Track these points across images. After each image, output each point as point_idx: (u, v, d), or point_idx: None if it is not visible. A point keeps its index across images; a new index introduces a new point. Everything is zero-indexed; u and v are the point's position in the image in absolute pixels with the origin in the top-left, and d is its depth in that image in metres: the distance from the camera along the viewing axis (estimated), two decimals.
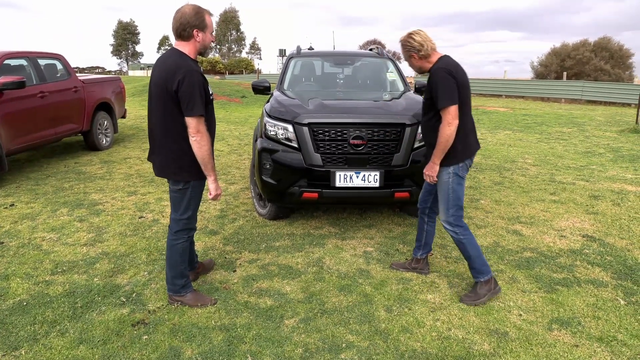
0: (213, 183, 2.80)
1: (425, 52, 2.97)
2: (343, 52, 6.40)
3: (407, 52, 3.02)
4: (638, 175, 6.68)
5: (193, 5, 2.69)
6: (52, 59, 7.38)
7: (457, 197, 3.04)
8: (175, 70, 2.57)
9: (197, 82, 2.59)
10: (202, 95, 2.61)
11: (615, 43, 30.86)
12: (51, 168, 6.80)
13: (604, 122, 13.04)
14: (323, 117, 3.99)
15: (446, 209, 3.08)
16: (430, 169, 3.02)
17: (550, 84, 22.95)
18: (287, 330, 2.72)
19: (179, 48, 2.70)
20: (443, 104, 2.85)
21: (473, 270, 3.12)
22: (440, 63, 2.96)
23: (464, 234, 3.07)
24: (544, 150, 8.70)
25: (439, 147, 2.92)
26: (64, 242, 4.00)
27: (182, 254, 2.93)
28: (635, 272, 3.52)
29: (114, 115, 8.67)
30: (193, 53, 2.72)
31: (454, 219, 3.07)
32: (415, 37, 2.97)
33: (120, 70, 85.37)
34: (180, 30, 2.65)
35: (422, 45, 2.95)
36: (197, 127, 2.62)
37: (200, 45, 2.73)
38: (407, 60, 3.09)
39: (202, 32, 2.70)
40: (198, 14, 2.66)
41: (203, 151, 2.67)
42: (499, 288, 3.12)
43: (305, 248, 3.96)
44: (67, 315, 2.83)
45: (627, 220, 4.69)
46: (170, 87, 2.57)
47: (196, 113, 2.60)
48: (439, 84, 2.87)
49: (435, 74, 2.91)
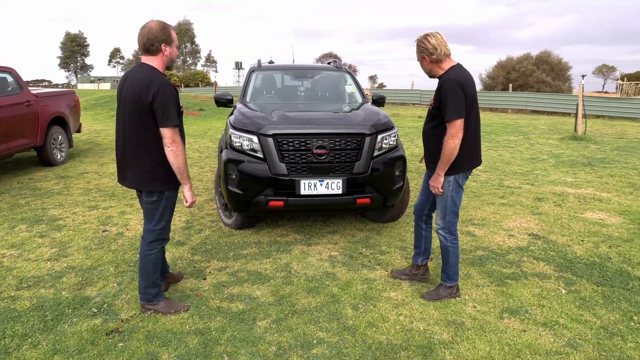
0: (189, 191, 2.88)
1: (438, 57, 2.97)
2: (303, 65, 6.62)
3: (420, 53, 3.02)
4: (577, 178, 7.26)
5: (159, 21, 2.79)
6: (2, 72, 7.17)
7: (454, 205, 3.15)
8: (149, 83, 2.66)
9: (170, 94, 2.69)
10: (176, 106, 2.72)
11: (555, 57, 33.07)
12: (3, 184, 6.59)
13: (546, 131, 13.93)
14: (287, 128, 4.16)
15: (443, 216, 3.18)
16: (435, 180, 3.06)
17: (498, 95, 24.24)
18: (260, 330, 2.84)
19: (148, 62, 2.79)
20: (450, 116, 2.88)
21: (444, 274, 3.30)
22: (451, 73, 2.97)
23: (453, 243, 3.21)
24: (493, 157, 9.24)
25: (443, 159, 2.96)
26: (26, 258, 3.93)
27: (155, 263, 2.99)
28: (575, 265, 3.88)
29: (69, 129, 8.48)
30: (161, 67, 2.82)
31: (450, 226, 3.18)
32: (430, 40, 2.96)
33: (68, 84, 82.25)
34: (148, 45, 2.74)
35: (435, 48, 2.95)
36: (172, 137, 2.71)
37: (167, 59, 2.84)
38: (419, 62, 3.10)
39: (169, 47, 2.81)
40: (164, 29, 2.77)
41: (179, 160, 2.76)
42: (459, 294, 3.30)
43: (273, 255, 4.09)
44: (37, 328, 2.82)
45: (567, 219, 5.12)
46: (144, 99, 2.65)
47: (171, 124, 2.69)
48: (448, 95, 2.88)
49: (445, 84, 2.92)
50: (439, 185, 3.08)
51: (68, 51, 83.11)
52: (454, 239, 3.22)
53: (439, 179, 3.07)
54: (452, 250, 3.22)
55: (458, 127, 2.91)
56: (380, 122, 4.45)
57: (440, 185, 3.08)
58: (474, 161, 3.16)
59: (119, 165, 2.95)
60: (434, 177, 3.10)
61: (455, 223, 3.21)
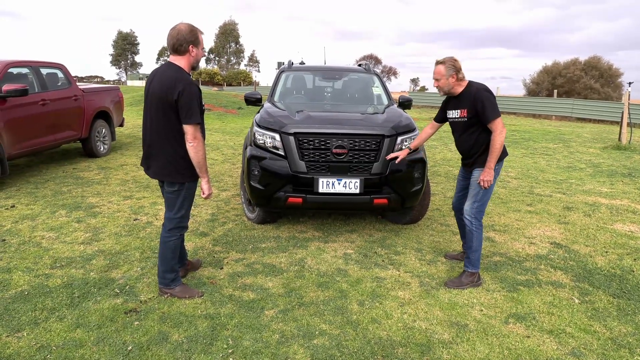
0: (206, 184, 3.09)
1: (462, 76, 3.50)
2: (332, 67, 6.73)
3: (449, 70, 3.46)
4: (613, 189, 7.00)
5: (188, 24, 2.98)
6: (53, 68, 7.67)
7: (486, 193, 3.52)
8: (175, 82, 2.85)
9: (194, 94, 2.88)
10: (199, 106, 2.91)
11: (605, 62, 31.61)
12: (50, 173, 7.06)
13: (589, 139, 13.42)
14: (308, 127, 4.29)
15: (473, 202, 3.55)
16: (488, 174, 3.43)
17: (541, 101, 23.47)
18: (266, 319, 2.97)
19: (175, 62, 2.97)
20: (494, 116, 3.36)
21: (467, 260, 3.60)
22: (477, 85, 3.49)
23: (478, 228, 3.55)
24: (528, 165, 9.03)
25: (494, 153, 3.38)
26: (62, 241, 4.25)
27: (173, 250, 3.19)
28: (593, 275, 3.80)
29: (112, 123, 8.96)
30: (187, 67, 3.00)
31: (476, 212, 3.54)
32: (458, 61, 3.48)
33: (118, 80, 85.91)
34: (177, 46, 2.93)
35: (460, 69, 3.49)
36: (194, 134, 2.91)
37: (193, 60, 3.02)
38: (445, 79, 3.50)
39: (196, 48, 2.98)
40: (192, 31, 2.96)
41: (199, 155, 2.96)
42: (481, 282, 3.59)
43: (290, 249, 4.22)
44: (65, 303, 3.08)
45: (595, 230, 4.99)
46: (170, 97, 2.85)
47: (193, 121, 2.89)
48: (486, 100, 3.36)
49: (479, 94, 3.40)
50: (490, 179, 3.42)
51: (119, 49, 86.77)
52: (479, 224, 3.56)
53: (491, 173, 3.42)
54: (476, 234, 3.54)
55: (501, 124, 3.38)
56: (401, 124, 4.51)
57: (492, 179, 3.42)
58: (505, 152, 3.57)
59: (144, 156, 3.17)
60: (485, 172, 3.43)
61: (483, 211, 3.57)
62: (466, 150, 3.63)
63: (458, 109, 3.58)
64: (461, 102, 3.53)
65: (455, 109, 3.61)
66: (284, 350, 2.66)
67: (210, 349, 2.63)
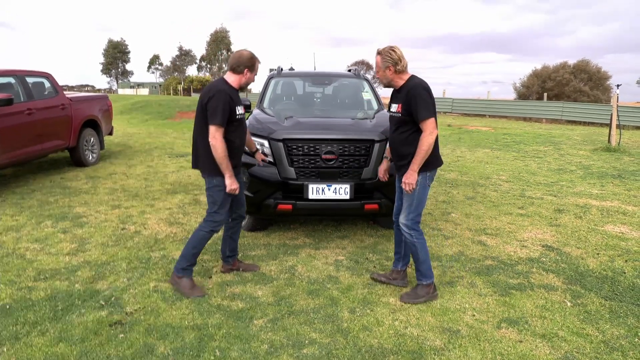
0: (228, 179, 3.28)
1: (401, 67, 3.20)
2: (322, 72, 6.71)
3: (385, 62, 3.20)
4: (603, 191, 7.02)
5: (250, 52, 3.43)
6: (40, 77, 7.59)
7: (419, 203, 3.28)
8: (211, 89, 3.28)
9: (222, 99, 3.20)
10: (225, 110, 3.19)
11: (594, 65, 31.97)
12: (37, 183, 6.95)
13: (580, 141, 13.51)
14: (297, 133, 4.25)
15: (407, 213, 3.30)
16: (411, 177, 3.16)
17: (532, 105, 23.65)
18: (255, 329, 2.91)
19: (227, 77, 3.40)
20: (425, 116, 3.08)
21: (418, 273, 3.38)
22: (417, 80, 3.22)
23: (418, 238, 3.31)
24: (519, 168, 9.05)
25: (419, 155, 3.11)
26: (47, 252, 4.16)
27: (199, 241, 3.40)
28: (585, 278, 3.78)
29: (101, 132, 8.86)
30: (237, 84, 3.40)
31: (412, 223, 3.30)
32: (396, 51, 3.19)
33: (110, 89, 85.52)
34: (235, 66, 3.36)
35: (400, 59, 3.18)
36: (214, 134, 3.18)
37: (244, 81, 3.42)
38: (382, 72, 3.25)
39: (250, 72, 3.41)
40: (252, 59, 3.40)
41: (217, 153, 3.22)
42: (437, 294, 3.39)
43: (280, 257, 4.17)
44: (47, 317, 3.00)
45: (586, 232, 4.98)
46: (204, 100, 3.25)
47: (215, 123, 3.17)
48: (419, 98, 3.09)
49: (415, 89, 3.14)
50: (413, 182, 3.17)
51: (110, 57, 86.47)
52: (418, 234, 3.32)
53: (414, 175, 3.17)
54: (419, 245, 3.31)
55: (433, 125, 3.11)
56: None
57: (415, 182, 3.17)
58: (439, 161, 3.34)
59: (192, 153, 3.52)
60: (408, 174, 3.18)
61: (419, 221, 3.33)
62: (395, 149, 3.35)
63: (396, 104, 3.29)
64: (399, 97, 3.26)
65: (394, 102, 3.32)
66: None
67: None
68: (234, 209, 3.69)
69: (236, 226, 3.80)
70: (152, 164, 8.78)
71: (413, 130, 3.21)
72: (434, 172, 3.32)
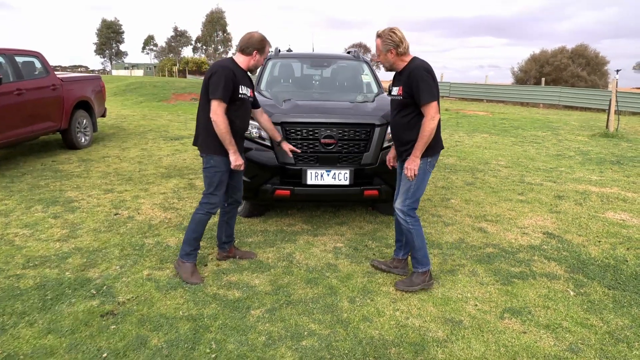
0: (232, 155, 3.22)
1: (403, 50, 3.04)
2: (320, 54, 6.54)
3: (387, 45, 3.04)
4: (603, 177, 6.95)
5: (261, 34, 3.33)
6: (30, 57, 7.36)
7: (417, 189, 3.17)
8: (214, 65, 3.22)
9: (225, 75, 3.11)
10: (227, 86, 3.10)
11: (592, 50, 31.74)
12: (27, 166, 6.79)
13: (577, 127, 13.42)
14: (295, 116, 4.11)
15: (404, 199, 3.19)
16: (413, 162, 3.05)
17: (529, 89, 23.48)
18: (252, 319, 2.83)
19: (235, 57, 3.32)
20: (428, 99, 2.95)
21: (414, 260, 3.29)
22: (418, 62, 3.07)
23: (414, 225, 3.21)
24: (517, 153, 8.96)
25: (422, 140, 2.99)
26: (37, 238, 4.04)
27: (197, 223, 3.34)
28: (587, 266, 3.72)
29: (94, 114, 8.66)
30: (245, 65, 3.31)
31: (408, 209, 3.19)
32: (397, 33, 3.03)
33: (103, 69, 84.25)
34: (244, 47, 3.28)
35: (401, 41, 3.02)
36: (215, 109, 3.10)
37: (253, 64, 3.33)
38: (383, 55, 3.10)
39: (259, 55, 3.32)
40: (262, 41, 3.32)
41: (219, 130, 3.13)
42: (432, 282, 3.30)
43: (277, 244, 4.07)
44: (36, 307, 2.89)
45: (587, 219, 4.91)
46: (207, 77, 3.18)
47: (216, 97, 3.08)
48: (421, 80, 2.96)
49: (416, 71, 2.99)
50: (415, 168, 3.06)
51: (104, 38, 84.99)
52: (414, 220, 3.22)
53: (417, 161, 3.06)
54: (414, 232, 3.21)
55: (435, 109, 2.99)
56: None
57: (417, 168, 3.06)
58: (440, 144, 3.22)
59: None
60: (410, 160, 3.08)
61: (415, 208, 3.24)
62: (397, 133, 3.23)
63: (397, 86, 3.16)
64: (400, 79, 3.12)
65: (395, 85, 3.19)
66: (270, 353, 2.52)
67: (192, 354, 2.48)
68: (229, 193, 3.58)
69: (232, 211, 3.69)
70: (147, 147, 8.62)
71: (415, 114, 3.08)
72: (435, 157, 3.20)
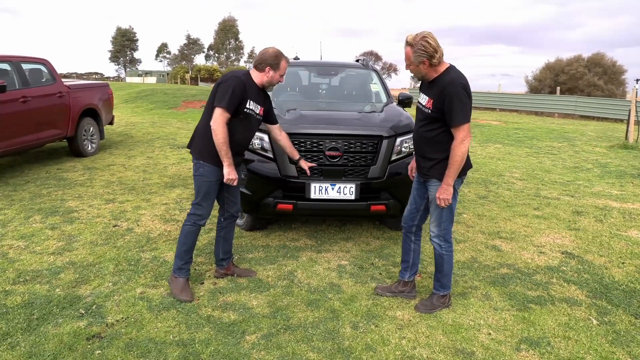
0: (226, 167, 3.08)
1: (438, 60, 2.71)
2: (328, 62, 6.37)
3: (419, 57, 2.69)
4: (623, 191, 6.65)
5: (277, 50, 3.21)
6: (37, 64, 7.32)
7: (451, 212, 2.98)
8: (227, 74, 3.16)
9: (234, 86, 3.02)
10: (234, 97, 3.01)
11: (609, 59, 31.20)
12: (32, 174, 6.71)
13: (594, 137, 13.07)
14: (299, 127, 3.94)
15: (439, 223, 3.01)
16: (446, 192, 2.80)
17: (544, 99, 23.09)
18: (247, 346, 2.63)
19: (251, 72, 3.23)
20: (460, 121, 2.67)
21: (437, 283, 3.14)
22: (454, 75, 2.74)
23: (448, 250, 3.06)
24: (532, 165, 8.68)
25: (453, 166, 2.73)
26: (31, 251, 3.90)
27: (185, 235, 3.19)
28: (611, 291, 3.46)
29: (101, 121, 8.59)
30: (258, 81, 3.21)
31: (445, 233, 3.03)
32: (430, 42, 2.66)
33: (118, 77, 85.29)
34: (256, 63, 3.20)
35: (436, 51, 2.67)
36: (217, 117, 3.00)
37: (267, 80, 3.21)
38: (414, 66, 2.78)
39: (273, 71, 3.18)
40: (277, 57, 3.18)
41: (217, 139, 3.02)
42: (451, 302, 3.19)
43: (279, 261, 3.88)
44: (20, 327, 2.73)
45: (608, 237, 4.64)
46: (217, 84, 3.11)
47: (221, 105, 2.99)
48: (456, 98, 2.66)
49: (451, 88, 2.67)
50: (449, 197, 2.83)
51: (118, 45, 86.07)
52: (449, 246, 3.07)
53: (450, 190, 2.82)
54: (447, 258, 3.07)
55: (467, 131, 2.72)
56: (401, 124, 4.15)
57: (451, 197, 2.83)
58: (469, 163, 2.96)
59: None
60: (443, 189, 2.83)
61: (450, 230, 3.06)
62: (420, 147, 2.97)
63: (427, 96, 2.85)
64: (432, 89, 2.80)
65: (425, 94, 2.88)
66: None
67: None
68: (226, 207, 3.41)
69: (229, 226, 3.52)
70: (153, 155, 8.52)
71: (442, 131, 2.81)
72: (462, 178, 2.96)
